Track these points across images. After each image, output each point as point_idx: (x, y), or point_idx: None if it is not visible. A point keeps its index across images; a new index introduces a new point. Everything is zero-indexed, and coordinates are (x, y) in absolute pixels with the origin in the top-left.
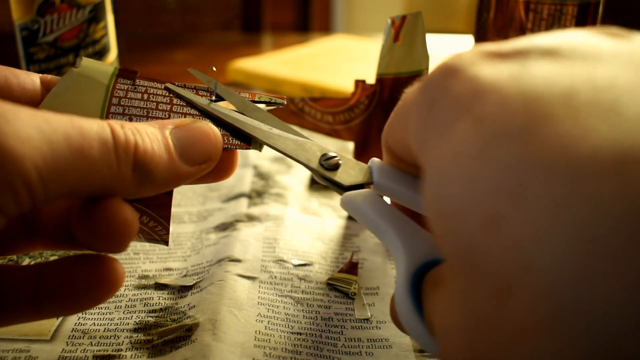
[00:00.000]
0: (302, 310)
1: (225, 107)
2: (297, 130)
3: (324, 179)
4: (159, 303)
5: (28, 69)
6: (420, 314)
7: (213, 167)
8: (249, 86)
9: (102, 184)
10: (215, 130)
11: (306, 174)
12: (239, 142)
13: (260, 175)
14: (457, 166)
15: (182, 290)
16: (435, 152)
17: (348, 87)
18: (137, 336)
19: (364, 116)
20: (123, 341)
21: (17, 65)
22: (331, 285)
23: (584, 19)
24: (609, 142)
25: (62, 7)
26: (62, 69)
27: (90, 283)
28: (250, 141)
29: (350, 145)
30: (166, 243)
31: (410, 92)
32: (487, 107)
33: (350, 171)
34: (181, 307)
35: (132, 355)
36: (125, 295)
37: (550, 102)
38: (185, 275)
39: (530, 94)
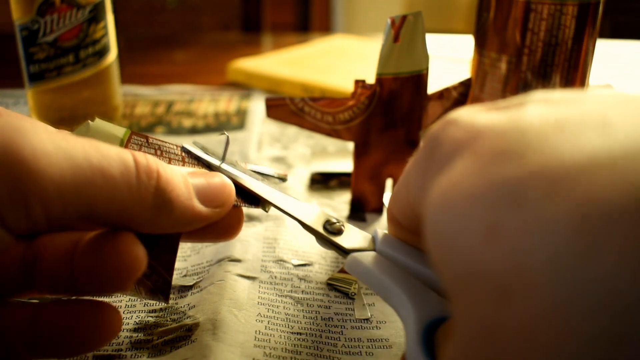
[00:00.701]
0: (302, 310)
1: (235, 169)
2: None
3: (327, 242)
4: (159, 303)
5: (28, 69)
6: None
7: (224, 214)
8: (249, 86)
9: (121, 207)
10: (227, 180)
11: (306, 174)
12: (248, 202)
13: (260, 175)
14: (456, 191)
15: (182, 290)
16: (434, 189)
17: (348, 87)
18: (137, 336)
19: (364, 116)
20: (123, 341)
21: (17, 65)
22: (331, 285)
23: (584, 19)
24: (602, 147)
25: (62, 7)
26: (62, 69)
27: (88, 330)
28: (259, 202)
29: (350, 145)
30: (166, 299)
31: (413, 154)
32: (484, 142)
33: (353, 237)
34: (181, 307)
35: (132, 355)
36: (125, 295)
37: (542, 128)
38: (185, 275)
39: (524, 125)
